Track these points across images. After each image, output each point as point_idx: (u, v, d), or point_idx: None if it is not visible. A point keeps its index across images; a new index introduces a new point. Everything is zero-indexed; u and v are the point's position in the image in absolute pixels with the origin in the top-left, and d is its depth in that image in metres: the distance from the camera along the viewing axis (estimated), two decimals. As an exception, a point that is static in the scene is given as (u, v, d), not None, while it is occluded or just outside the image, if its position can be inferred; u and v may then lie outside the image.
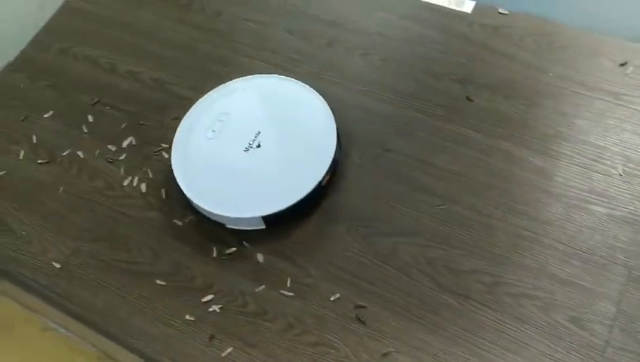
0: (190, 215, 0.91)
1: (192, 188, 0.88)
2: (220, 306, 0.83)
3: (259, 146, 0.90)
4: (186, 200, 0.89)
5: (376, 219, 0.87)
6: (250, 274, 0.86)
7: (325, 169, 0.87)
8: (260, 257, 0.86)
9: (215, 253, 0.87)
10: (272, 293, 0.84)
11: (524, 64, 0.97)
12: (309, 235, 0.87)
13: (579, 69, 0.96)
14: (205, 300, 0.84)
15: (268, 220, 0.86)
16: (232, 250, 0.87)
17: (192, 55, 1.07)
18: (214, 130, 0.92)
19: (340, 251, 0.85)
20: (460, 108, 0.95)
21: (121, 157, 0.98)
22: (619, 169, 0.87)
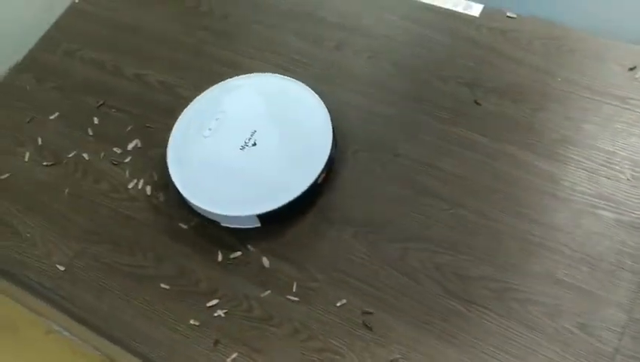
0: (195, 218, 0.91)
1: (187, 186, 0.89)
2: (225, 311, 0.83)
3: (254, 145, 0.90)
4: (182, 198, 0.89)
5: (383, 223, 0.87)
6: (256, 279, 0.85)
7: (321, 167, 0.87)
8: (266, 262, 0.86)
9: (220, 257, 0.87)
10: (278, 298, 0.83)
11: (532, 68, 0.97)
12: (313, 239, 0.87)
13: (587, 73, 0.95)
14: (210, 305, 0.84)
15: (263, 218, 0.86)
16: (237, 254, 0.87)
17: (198, 57, 1.07)
18: (210, 128, 0.93)
19: (347, 256, 0.85)
20: (467, 112, 0.94)
21: (127, 160, 0.97)
22: (627, 174, 0.86)
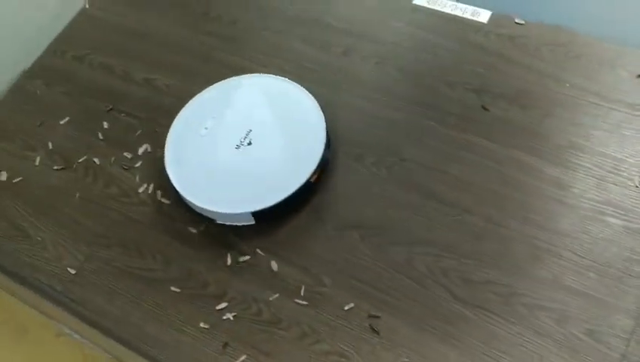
0: (204, 222, 0.91)
1: (184, 184, 0.90)
2: (234, 314, 0.83)
3: (250, 144, 0.91)
4: (178, 196, 0.91)
5: (389, 227, 0.87)
6: (264, 283, 0.86)
7: (314, 167, 0.88)
8: (274, 265, 0.86)
9: (229, 261, 0.88)
10: (286, 302, 0.84)
11: (540, 74, 0.97)
12: (320, 243, 0.87)
13: (595, 79, 0.96)
14: (219, 308, 0.84)
15: (258, 216, 0.87)
16: (246, 258, 0.88)
17: (207, 62, 1.08)
18: (207, 127, 0.94)
19: (354, 259, 0.85)
20: (475, 118, 0.95)
21: (137, 165, 0.98)
22: (635, 181, 0.86)
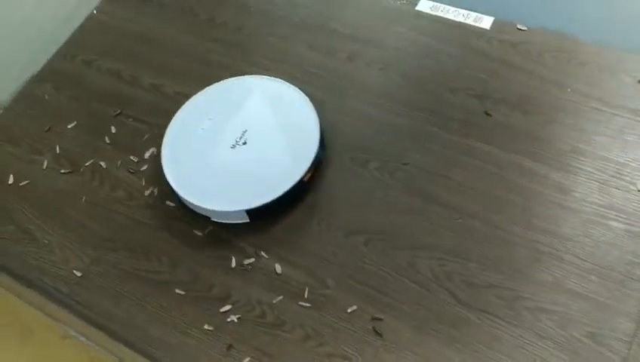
0: (209, 225, 0.92)
1: (179, 183, 0.92)
2: (238, 316, 0.84)
3: (245, 143, 0.93)
4: (174, 194, 0.92)
5: (393, 231, 0.88)
6: (268, 285, 0.86)
7: (307, 166, 0.90)
8: (278, 268, 0.87)
9: (234, 263, 0.88)
10: (290, 304, 0.84)
11: (542, 80, 0.98)
12: (322, 245, 0.88)
13: (598, 85, 0.96)
14: (224, 310, 0.85)
15: (252, 214, 0.89)
16: (251, 260, 0.88)
17: (212, 68, 1.09)
18: (203, 128, 0.96)
19: (357, 263, 0.86)
20: (477, 123, 0.96)
21: (143, 168, 0.99)
22: (638, 185, 0.87)
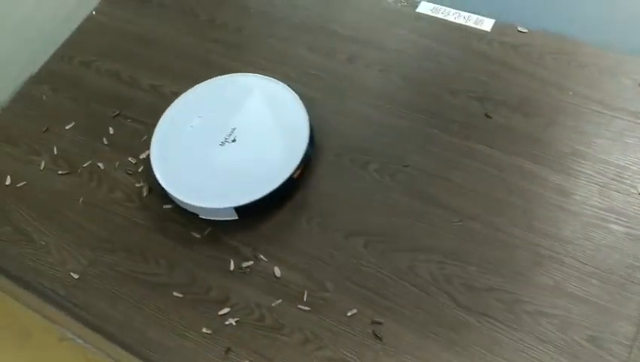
0: (208, 228, 0.92)
1: (168, 180, 0.92)
2: (237, 319, 0.84)
3: (234, 141, 0.93)
4: (164, 191, 0.92)
5: (393, 233, 0.87)
6: (267, 288, 0.86)
7: (297, 163, 0.90)
8: (277, 271, 0.87)
9: (232, 266, 0.88)
10: (289, 307, 0.84)
11: (543, 82, 0.98)
12: (319, 246, 0.88)
13: (598, 87, 0.96)
14: (222, 313, 0.84)
15: (240, 211, 0.89)
16: (249, 263, 0.88)
17: (212, 69, 1.08)
18: (193, 125, 0.97)
19: (358, 266, 0.85)
20: (478, 125, 0.95)
21: (141, 170, 0.99)
22: (638, 188, 0.86)
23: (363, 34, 1.08)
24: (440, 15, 1.08)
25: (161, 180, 0.92)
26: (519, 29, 1.04)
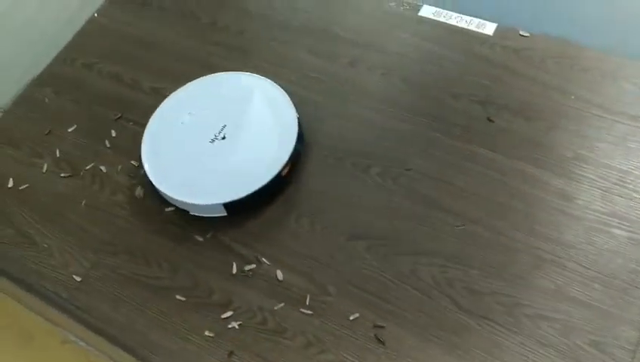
0: (210, 231, 0.92)
1: (159, 176, 0.93)
2: (240, 323, 0.84)
3: (224, 138, 0.94)
4: (153, 188, 0.93)
5: (394, 237, 0.87)
6: (269, 291, 0.86)
7: (285, 160, 0.91)
8: (280, 274, 0.87)
9: (235, 269, 0.88)
10: (291, 311, 0.84)
11: (545, 86, 0.98)
12: (324, 250, 0.88)
13: (600, 91, 0.96)
14: (225, 316, 0.84)
15: (229, 207, 0.89)
16: (252, 266, 0.88)
17: (214, 72, 1.08)
18: (183, 122, 0.98)
19: (360, 270, 0.86)
20: (480, 129, 0.95)
21: (143, 172, 0.98)
22: (640, 192, 0.87)
23: (365, 37, 1.09)
24: (442, 19, 1.08)
25: (152, 177, 0.93)
26: (521, 32, 1.04)
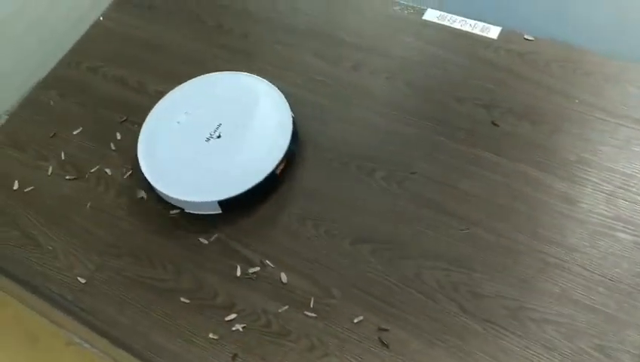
0: (215, 233, 0.92)
1: (155, 174, 0.94)
2: (244, 325, 0.84)
3: (219, 137, 0.95)
4: (149, 185, 0.94)
5: (399, 240, 0.88)
6: (273, 294, 0.86)
7: (279, 159, 0.92)
8: (284, 277, 0.87)
9: (239, 272, 0.88)
10: (295, 314, 0.84)
11: (549, 90, 0.98)
12: (328, 254, 0.88)
13: (604, 95, 0.96)
14: (229, 319, 0.85)
15: (224, 205, 0.91)
16: (256, 269, 0.88)
17: (219, 75, 1.09)
18: (179, 121, 0.99)
19: (365, 273, 0.86)
20: (484, 133, 0.95)
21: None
22: (644, 196, 0.87)
23: (369, 41, 1.09)
24: (446, 22, 1.08)
25: (148, 175, 0.94)
26: (525, 36, 1.04)
